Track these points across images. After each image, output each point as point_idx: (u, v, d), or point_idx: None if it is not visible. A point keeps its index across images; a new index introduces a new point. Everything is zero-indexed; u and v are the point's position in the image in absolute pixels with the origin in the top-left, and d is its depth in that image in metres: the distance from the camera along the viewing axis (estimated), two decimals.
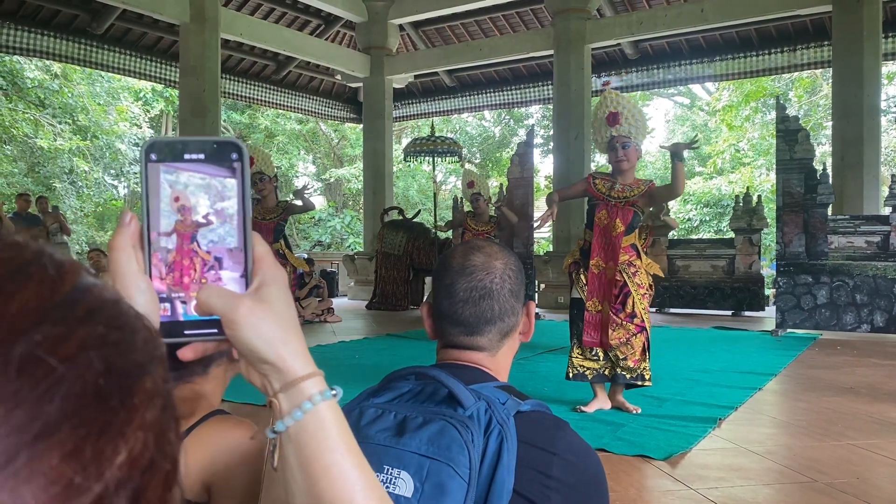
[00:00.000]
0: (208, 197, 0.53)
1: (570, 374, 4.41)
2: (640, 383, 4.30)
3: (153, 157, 0.52)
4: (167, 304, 0.53)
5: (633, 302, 4.27)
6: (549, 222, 4.77)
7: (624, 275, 4.29)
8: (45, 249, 0.30)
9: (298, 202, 7.98)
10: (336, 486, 0.53)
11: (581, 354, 4.40)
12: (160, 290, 0.52)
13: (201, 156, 0.53)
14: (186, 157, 0.52)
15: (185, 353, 0.54)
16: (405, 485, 0.97)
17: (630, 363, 4.26)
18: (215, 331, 0.53)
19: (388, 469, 0.99)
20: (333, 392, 0.55)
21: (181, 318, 0.53)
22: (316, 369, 0.55)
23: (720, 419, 4.14)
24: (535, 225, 4.76)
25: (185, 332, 0.53)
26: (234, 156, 0.53)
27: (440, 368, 1.11)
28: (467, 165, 9.50)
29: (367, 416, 1.06)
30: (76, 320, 0.28)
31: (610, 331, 4.26)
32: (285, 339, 0.53)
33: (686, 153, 4.58)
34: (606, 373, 4.34)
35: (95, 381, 0.26)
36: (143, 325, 0.31)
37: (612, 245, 4.33)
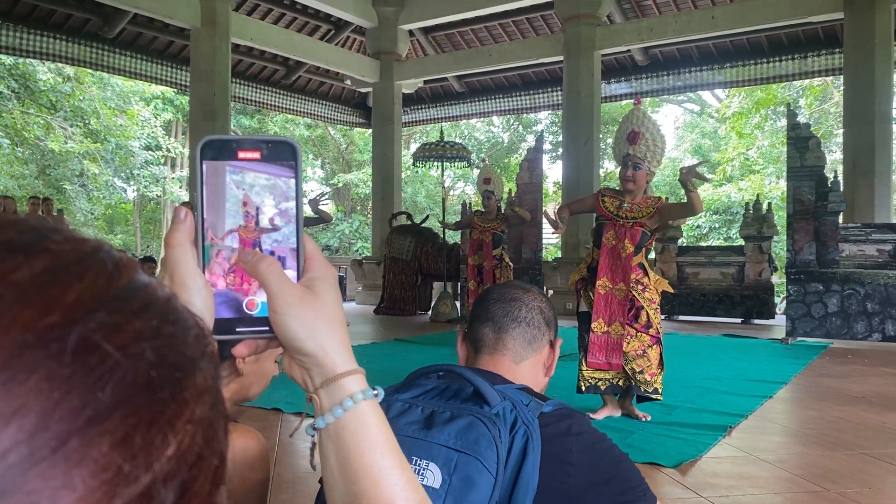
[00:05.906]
0: (273, 197, 0.54)
1: (583, 387, 4.36)
2: (653, 396, 4.26)
3: (208, 154, 0.53)
4: (224, 302, 0.54)
5: (648, 314, 4.25)
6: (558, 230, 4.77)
7: (634, 293, 4.26)
8: (103, 245, 0.30)
9: (313, 213, 7.66)
10: (377, 487, 0.53)
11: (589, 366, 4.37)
12: (220, 288, 0.53)
13: (256, 154, 0.53)
14: (241, 155, 0.53)
15: (240, 350, 0.55)
16: (433, 476, 0.98)
17: (647, 376, 4.22)
18: (267, 328, 0.53)
19: (416, 460, 1.00)
20: (375, 392, 0.55)
21: (234, 316, 0.54)
22: (357, 367, 0.54)
23: (730, 427, 4.11)
24: (550, 223, 4.74)
25: (238, 329, 0.54)
26: (291, 155, 0.54)
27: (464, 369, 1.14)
28: (486, 163, 9.59)
29: (394, 409, 1.08)
30: (131, 312, 0.28)
31: (624, 344, 4.24)
32: (330, 331, 0.53)
33: (705, 171, 4.57)
34: (620, 383, 4.30)
35: (147, 372, 0.27)
36: (194, 322, 0.31)
37: (622, 266, 4.27)
